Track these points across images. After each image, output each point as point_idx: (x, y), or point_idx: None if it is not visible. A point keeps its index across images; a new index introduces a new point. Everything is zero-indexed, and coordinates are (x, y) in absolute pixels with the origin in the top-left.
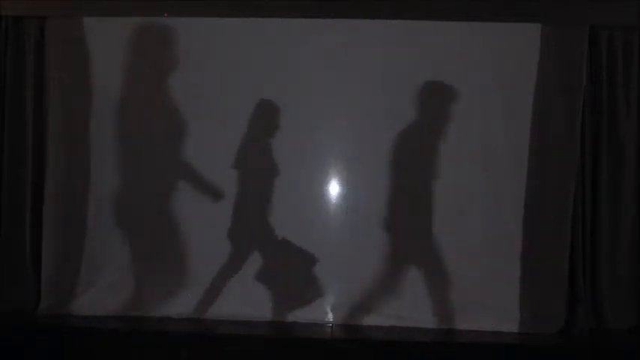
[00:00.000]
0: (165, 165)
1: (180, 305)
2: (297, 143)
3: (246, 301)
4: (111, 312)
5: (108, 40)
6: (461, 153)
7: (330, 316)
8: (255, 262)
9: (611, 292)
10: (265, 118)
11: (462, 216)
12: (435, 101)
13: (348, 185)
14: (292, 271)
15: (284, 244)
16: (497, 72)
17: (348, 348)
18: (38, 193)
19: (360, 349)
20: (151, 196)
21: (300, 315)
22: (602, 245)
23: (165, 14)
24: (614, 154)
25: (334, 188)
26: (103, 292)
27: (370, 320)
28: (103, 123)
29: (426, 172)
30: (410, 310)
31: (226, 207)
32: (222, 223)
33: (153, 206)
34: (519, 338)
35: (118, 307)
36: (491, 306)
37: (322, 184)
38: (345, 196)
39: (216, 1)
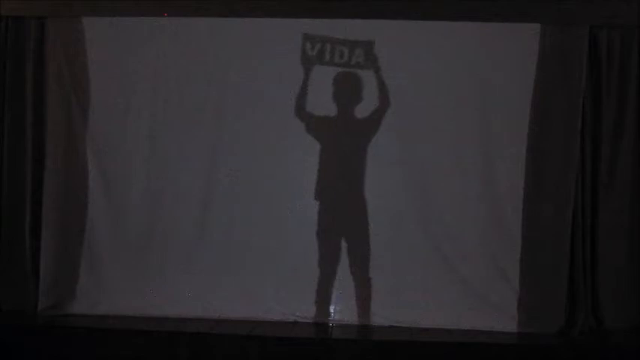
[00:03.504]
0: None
1: (182, 305)
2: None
3: (247, 301)
4: (111, 312)
5: (108, 40)
6: (461, 153)
7: (331, 316)
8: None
9: (611, 292)
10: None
11: (462, 216)
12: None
13: (347, 184)
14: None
15: None
16: (497, 72)
17: (348, 348)
18: (38, 194)
19: (360, 349)
20: (151, 196)
21: (301, 315)
22: (602, 245)
23: (165, 14)
24: (613, 154)
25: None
26: (103, 292)
27: (370, 320)
28: (102, 123)
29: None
30: (409, 309)
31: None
32: (224, 222)
33: (153, 206)
34: (519, 338)
35: (118, 307)
36: (491, 306)
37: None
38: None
39: (215, 1)
